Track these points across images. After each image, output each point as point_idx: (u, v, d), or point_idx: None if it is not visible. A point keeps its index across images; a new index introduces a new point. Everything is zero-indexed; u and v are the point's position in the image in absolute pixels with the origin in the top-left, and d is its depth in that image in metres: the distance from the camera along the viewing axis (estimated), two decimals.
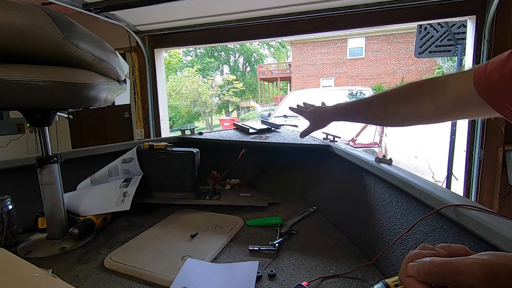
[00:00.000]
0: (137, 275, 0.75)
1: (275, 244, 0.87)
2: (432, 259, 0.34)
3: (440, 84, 0.57)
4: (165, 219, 1.11)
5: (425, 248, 0.38)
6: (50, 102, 0.76)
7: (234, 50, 29.52)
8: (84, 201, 1.08)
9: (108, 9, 2.28)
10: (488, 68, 0.49)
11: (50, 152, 0.93)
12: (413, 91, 0.62)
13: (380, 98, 0.70)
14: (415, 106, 0.62)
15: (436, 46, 2.88)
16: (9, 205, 0.89)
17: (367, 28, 2.55)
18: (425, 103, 0.59)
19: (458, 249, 0.36)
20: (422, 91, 0.60)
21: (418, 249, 0.38)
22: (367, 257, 0.82)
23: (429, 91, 0.59)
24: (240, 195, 1.30)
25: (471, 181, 2.25)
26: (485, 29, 2.07)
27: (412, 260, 0.35)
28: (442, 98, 0.56)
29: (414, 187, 0.70)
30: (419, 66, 16.70)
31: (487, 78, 0.48)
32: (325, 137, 1.40)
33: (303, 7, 2.31)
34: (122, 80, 1.02)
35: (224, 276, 0.74)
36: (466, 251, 0.36)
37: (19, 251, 0.87)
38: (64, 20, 0.67)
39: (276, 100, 20.49)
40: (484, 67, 0.50)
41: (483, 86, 0.49)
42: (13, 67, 0.66)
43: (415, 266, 0.35)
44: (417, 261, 0.35)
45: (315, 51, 18.41)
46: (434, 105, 0.57)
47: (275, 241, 0.88)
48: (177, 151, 1.25)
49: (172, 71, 21.93)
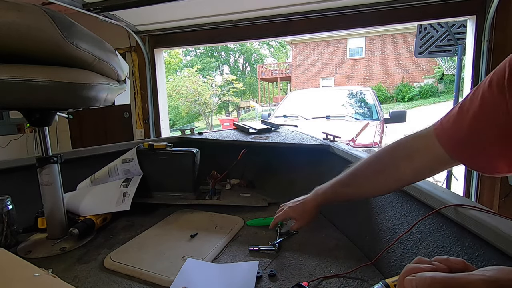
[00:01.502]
0: (137, 275, 0.75)
1: (275, 244, 0.87)
2: (433, 274, 0.32)
3: (408, 151, 0.58)
4: (165, 219, 1.11)
5: (421, 261, 0.36)
6: (50, 102, 0.76)
7: (234, 50, 29.53)
8: (84, 201, 1.08)
9: (108, 9, 2.28)
10: (446, 126, 0.51)
11: (50, 152, 0.93)
12: (383, 163, 0.63)
13: (353, 177, 0.69)
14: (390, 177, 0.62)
15: (436, 46, 2.88)
16: (9, 205, 0.89)
17: (367, 28, 2.55)
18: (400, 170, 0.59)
19: (457, 263, 0.35)
20: (393, 161, 0.61)
21: (414, 263, 0.36)
22: (367, 257, 0.82)
23: (400, 159, 0.59)
24: (240, 195, 1.30)
25: (471, 181, 2.25)
26: (485, 29, 2.07)
27: (409, 275, 0.34)
28: (414, 164, 0.57)
29: (414, 187, 0.69)
30: (419, 66, 16.70)
31: (451, 137, 0.51)
32: (325, 137, 1.40)
33: (303, 7, 2.31)
34: (122, 80, 1.02)
35: (224, 276, 0.74)
36: (464, 264, 0.35)
37: (19, 251, 0.87)
38: (64, 20, 0.67)
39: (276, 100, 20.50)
40: (441, 126, 0.52)
41: (450, 146, 0.51)
42: (13, 67, 0.66)
43: (414, 281, 0.33)
44: (416, 276, 0.33)
45: (315, 51, 18.40)
46: (410, 170, 0.58)
47: (275, 241, 0.88)
48: (177, 151, 1.25)
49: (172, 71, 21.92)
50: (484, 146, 0.47)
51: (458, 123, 0.49)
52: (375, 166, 0.64)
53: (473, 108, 0.47)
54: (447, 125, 0.51)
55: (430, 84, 16.15)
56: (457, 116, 0.50)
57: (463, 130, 0.48)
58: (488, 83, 0.46)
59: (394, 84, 17.03)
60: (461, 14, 2.22)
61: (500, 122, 0.44)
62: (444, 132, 0.52)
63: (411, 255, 0.66)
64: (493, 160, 0.47)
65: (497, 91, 0.44)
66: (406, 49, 16.62)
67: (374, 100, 3.71)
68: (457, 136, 0.50)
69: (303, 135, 1.51)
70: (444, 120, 0.52)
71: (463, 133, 0.49)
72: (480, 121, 0.46)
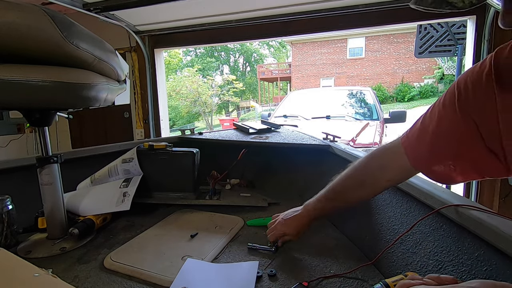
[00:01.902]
0: (137, 275, 0.75)
1: (273, 246, 0.86)
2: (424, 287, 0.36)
3: (381, 162, 0.66)
4: (165, 219, 1.11)
5: (414, 278, 0.41)
6: (50, 102, 0.76)
7: (234, 50, 29.51)
8: (84, 201, 1.08)
9: (108, 9, 2.28)
10: (411, 139, 0.58)
11: (50, 152, 0.92)
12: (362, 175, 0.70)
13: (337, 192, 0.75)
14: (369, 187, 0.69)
15: (436, 46, 2.88)
16: (9, 205, 0.89)
17: (367, 28, 2.55)
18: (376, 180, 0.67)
19: (447, 280, 0.38)
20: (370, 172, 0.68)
21: (408, 279, 0.41)
22: (367, 257, 0.82)
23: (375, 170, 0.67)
24: (240, 195, 1.30)
25: (471, 181, 2.25)
26: (485, 29, 2.07)
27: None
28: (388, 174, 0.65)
29: (414, 187, 0.70)
30: (419, 66, 16.70)
31: (415, 150, 0.57)
32: (325, 137, 1.40)
33: (303, 7, 2.31)
34: (122, 80, 1.02)
35: (224, 276, 0.74)
36: (454, 281, 0.38)
37: (19, 251, 0.87)
38: (64, 20, 0.67)
39: (276, 100, 20.50)
40: (407, 139, 0.59)
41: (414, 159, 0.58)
42: (13, 67, 0.66)
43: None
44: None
45: (315, 51, 18.40)
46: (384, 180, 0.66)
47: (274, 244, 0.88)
48: (177, 151, 1.25)
49: (172, 71, 21.92)
50: (441, 159, 0.54)
51: (421, 138, 0.56)
52: (354, 179, 0.71)
53: (432, 125, 0.54)
54: (412, 139, 0.58)
55: (430, 84, 16.16)
56: (419, 131, 0.57)
57: (425, 144, 0.55)
58: (442, 103, 0.53)
59: (394, 84, 17.03)
60: (461, 14, 2.22)
61: (456, 138, 0.51)
62: (410, 145, 0.59)
63: (411, 255, 0.66)
64: (449, 171, 0.54)
65: (450, 111, 0.51)
66: (406, 49, 16.63)
67: (374, 100, 3.71)
68: (420, 150, 0.57)
69: (303, 135, 1.51)
70: (410, 134, 0.60)
71: (425, 148, 0.55)
72: (439, 137, 0.53)
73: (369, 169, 0.68)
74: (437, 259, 0.59)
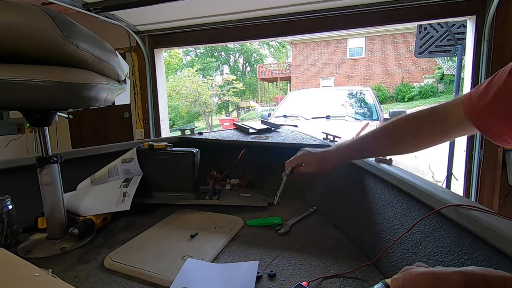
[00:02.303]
0: (137, 275, 0.75)
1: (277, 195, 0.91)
2: (417, 269, 0.38)
3: (444, 115, 0.66)
4: (165, 219, 1.11)
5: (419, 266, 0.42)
6: (50, 102, 0.76)
7: (234, 50, 29.51)
8: (84, 201, 1.08)
9: (108, 9, 2.28)
10: (473, 98, 0.58)
11: (50, 152, 0.92)
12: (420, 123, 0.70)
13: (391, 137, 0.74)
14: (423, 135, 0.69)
15: (436, 46, 2.87)
16: (9, 205, 0.89)
17: (367, 28, 2.55)
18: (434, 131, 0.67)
19: None
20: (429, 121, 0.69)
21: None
22: (367, 257, 0.82)
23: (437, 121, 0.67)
24: (240, 195, 1.30)
25: (471, 181, 2.25)
26: (485, 29, 2.06)
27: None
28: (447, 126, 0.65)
29: (414, 187, 0.70)
30: (419, 66, 16.70)
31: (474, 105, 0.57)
32: (325, 137, 1.40)
33: (303, 7, 2.31)
34: (122, 80, 1.02)
35: (224, 276, 0.74)
36: None
37: (19, 251, 0.87)
38: (64, 20, 0.67)
39: (276, 100, 20.49)
40: (469, 97, 0.59)
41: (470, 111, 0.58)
42: (13, 67, 0.66)
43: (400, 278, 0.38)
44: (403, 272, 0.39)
45: (315, 51, 18.40)
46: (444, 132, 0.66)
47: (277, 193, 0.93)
48: (177, 151, 1.25)
49: (172, 71, 21.91)
50: (500, 116, 0.53)
51: (483, 95, 0.55)
52: (413, 126, 0.71)
53: (499, 84, 0.52)
54: (475, 97, 0.57)
55: (430, 84, 16.15)
56: (484, 89, 0.56)
57: (486, 100, 0.54)
58: (510, 70, 0.51)
59: (394, 84, 17.03)
60: (461, 14, 2.22)
61: None
62: (470, 101, 0.58)
63: (411, 255, 0.66)
64: (503, 129, 0.53)
65: None
66: (406, 49, 16.62)
67: (374, 100, 3.71)
68: (479, 105, 0.56)
69: (303, 135, 1.51)
70: (473, 92, 0.58)
71: (485, 102, 0.54)
72: (502, 93, 0.52)
73: (431, 119, 0.68)
74: (437, 259, 0.59)
